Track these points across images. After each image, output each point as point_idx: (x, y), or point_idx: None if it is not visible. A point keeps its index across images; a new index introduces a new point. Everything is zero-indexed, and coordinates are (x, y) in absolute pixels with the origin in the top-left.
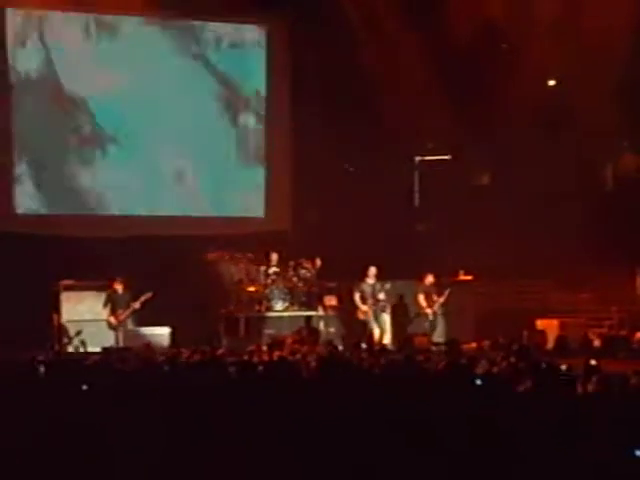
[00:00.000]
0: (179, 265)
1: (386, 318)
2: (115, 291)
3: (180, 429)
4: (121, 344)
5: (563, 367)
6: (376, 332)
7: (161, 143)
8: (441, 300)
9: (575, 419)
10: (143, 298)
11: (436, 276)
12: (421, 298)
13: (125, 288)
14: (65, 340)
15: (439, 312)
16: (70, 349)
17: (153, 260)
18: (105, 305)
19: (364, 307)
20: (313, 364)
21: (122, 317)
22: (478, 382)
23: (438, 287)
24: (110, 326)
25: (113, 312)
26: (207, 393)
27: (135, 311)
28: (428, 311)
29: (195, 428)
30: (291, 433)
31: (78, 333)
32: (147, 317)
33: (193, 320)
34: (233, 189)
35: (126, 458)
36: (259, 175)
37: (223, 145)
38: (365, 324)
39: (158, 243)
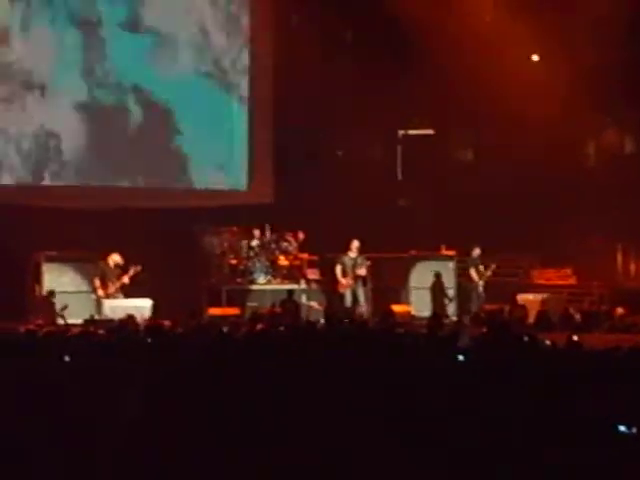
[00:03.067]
0: (162, 237)
1: (363, 291)
2: (108, 263)
3: (162, 400)
4: (103, 316)
5: (547, 342)
6: (359, 305)
7: (147, 114)
8: (488, 273)
9: (558, 394)
10: (132, 272)
11: (482, 249)
12: (472, 271)
13: (119, 261)
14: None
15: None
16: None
17: (136, 232)
18: (97, 276)
19: (344, 280)
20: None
21: (111, 290)
22: (460, 358)
23: (484, 261)
24: (98, 298)
25: (103, 284)
26: (189, 364)
27: (124, 285)
28: (480, 283)
29: (177, 399)
30: (273, 405)
31: (64, 308)
32: (129, 289)
33: (175, 292)
34: (217, 162)
35: (108, 430)
36: (243, 148)
37: (207, 116)
38: (343, 297)
39: (142, 215)
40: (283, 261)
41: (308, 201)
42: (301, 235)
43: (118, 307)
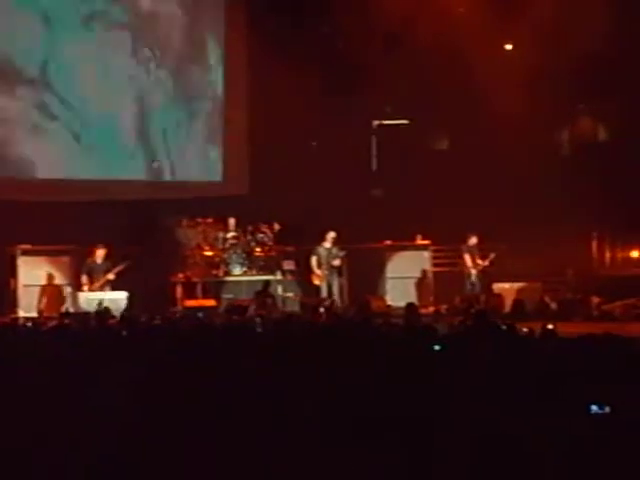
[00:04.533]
0: (137, 230)
1: (338, 282)
2: (94, 259)
3: (138, 393)
4: (79, 309)
5: (524, 330)
6: (334, 296)
7: (116, 104)
8: (485, 263)
9: (532, 379)
10: (117, 269)
11: (479, 238)
12: (467, 258)
13: (105, 257)
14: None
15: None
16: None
17: (111, 225)
18: (84, 273)
19: (318, 271)
20: (270, 327)
21: (95, 286)
22: (436, 348)
23: (482, 250)
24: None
25: (90, 280)
26: (165, 357)
27: (109, 281)
28: (472, 272)
29: (154, 392)
30: (249, 394)
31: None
32: (115, 284)
33: (151, 285)
34: (190, 153)
35: (83, 423)
36: (217, 139)
37: (180, 108)
38: (319, 289)
39: (116, 208)
40: (259, 252)
41: (283, 192)
42: (276, 226)
43: (94, 300)
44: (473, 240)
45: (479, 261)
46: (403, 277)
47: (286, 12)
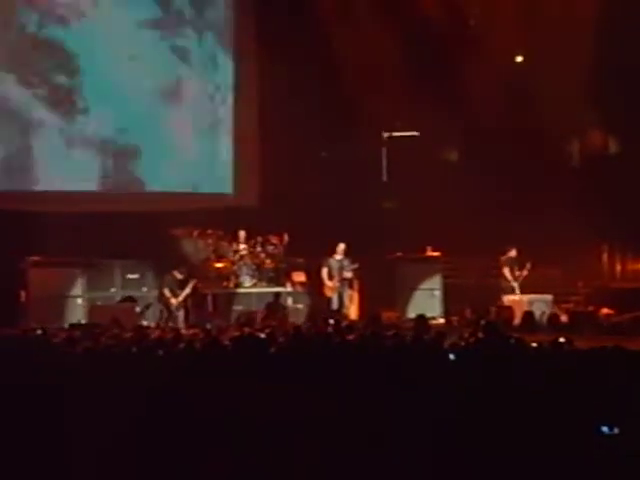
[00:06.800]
0: (148, 241)
1: (350, 294)
2: (174, 276)
3: (148, 410)
4: (88, 320)
5: (533, 344)
6: (345, 308)
7: (126, 116)
8: (524, 273)
9: (543, 394)
10: (192, 284)
11: (518, 250)
12: (506, 271)
13: (183, 273)
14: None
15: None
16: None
17: (122, 236)
18: (167, 287)
19: (330, 283)
20: (281, 340)
21: (181, 300)
22: (451, 357)
23: (520, 261)
24: (169, 307)
25: (173, 294)
26: (176, 374)
27: (188, 296)
28: (514, 284)
29: (164, 409)
30: (261, 411)
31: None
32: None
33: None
34: (201, 165)
35: (90, 441)
36: (227, 151)
37: (192, 119)
38: (330, 300)
39: (127, 219)
40: (269, 264)
41: (293, 204)
42: (286, 238)
43: (105, 311)
44: (513, 253)
45: (518, 272)
46: (414, 289)
47: (297, 23)
